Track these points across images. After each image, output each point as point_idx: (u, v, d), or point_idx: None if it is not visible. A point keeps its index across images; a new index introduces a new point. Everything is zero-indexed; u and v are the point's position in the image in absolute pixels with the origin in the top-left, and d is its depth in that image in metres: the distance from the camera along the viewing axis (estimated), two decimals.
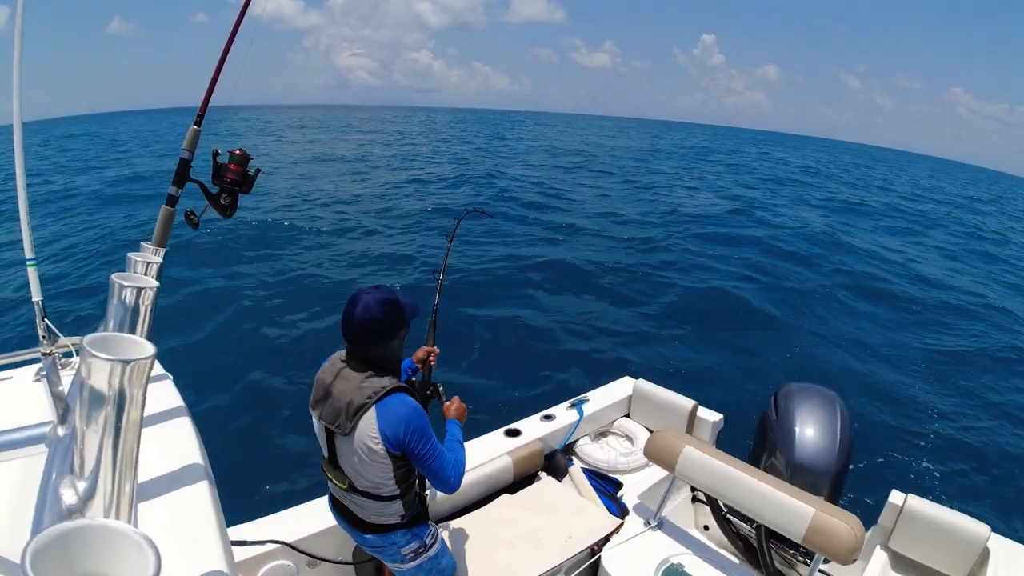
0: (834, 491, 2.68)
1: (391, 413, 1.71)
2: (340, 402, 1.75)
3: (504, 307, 9.32)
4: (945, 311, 11.09)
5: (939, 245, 18.10)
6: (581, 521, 2.76)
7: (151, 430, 1.17)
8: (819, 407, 2.85)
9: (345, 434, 1.74)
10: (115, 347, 0.65)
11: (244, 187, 1.82)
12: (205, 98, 1.67)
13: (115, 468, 0.70)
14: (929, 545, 2.59)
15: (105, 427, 0.67)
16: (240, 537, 2.27)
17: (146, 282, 1.08)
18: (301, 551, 2.34)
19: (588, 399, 3.70)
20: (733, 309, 9.82)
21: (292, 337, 7.95)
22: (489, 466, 3.00)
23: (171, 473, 1.06)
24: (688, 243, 14.37)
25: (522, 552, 2.55)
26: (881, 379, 7.53)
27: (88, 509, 0.70)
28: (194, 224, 1.79)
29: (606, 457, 3.41)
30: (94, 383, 0.64)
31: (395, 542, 1.94)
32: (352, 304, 1.78)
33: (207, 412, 5.80)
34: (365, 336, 1.77)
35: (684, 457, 2.53)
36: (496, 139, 47.76)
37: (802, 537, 2.15)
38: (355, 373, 1.78)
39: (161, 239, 1.65)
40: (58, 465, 0.78)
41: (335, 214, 15.53)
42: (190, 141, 1.67)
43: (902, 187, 38.72)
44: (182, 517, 0.96)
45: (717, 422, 3.53)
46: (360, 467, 1.77)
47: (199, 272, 10.25)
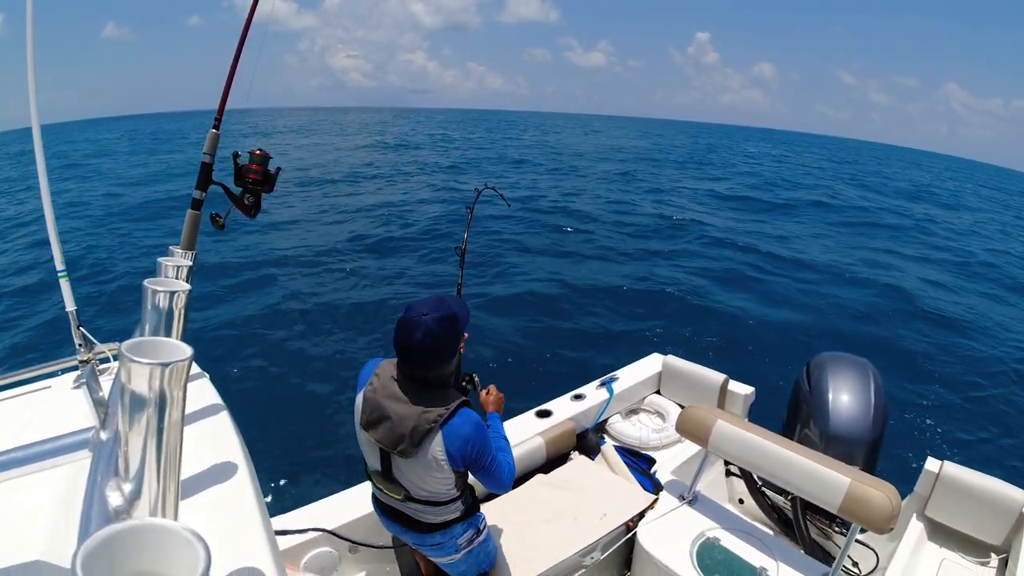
0: (869, 460, 2.64)
1: (456, 433, 1.67)
2: (402, 427, 1.67)
3: (528, 288, 9.32)
4: (981, 277, 10.80)
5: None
6: (615, 498, 2.77)
7: (191, 428, 1.20)
8: (852, 376, 2.80)
9: (407, 458, 1.70)
10: (153, 351, 0.66)
11: (266, 186, 1.84)
12: (221, 101, 1.69)
13: (159, 468, 0.72)
14: (966, 512, 2.55)
15: (148, 429, 0.69)
16: (282, 527, 2.33)
17: (178, 285, 1.10)
18: (343, 537, 2.39)
19: (618, 377, 3.69)
20: (760, 280, 9.70)
21: (326, 328, 8.06)
22: (522, 447, 3.02)
23: (213, 469, 1.09)
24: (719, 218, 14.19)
25: (558, 530, 2.57)
26: (913, 346, 7.38)
27: (134, 510, 0.72)
28: (220, 225, 1.82)
29: (638, 434, 3.41)
30: (135, 387, 0.66)
31: (454, 535, 1.93)
32: (410, 328, 1.65)
33: (244, 407, 5.93)
34: (425, 361, 1.68)
35: (716, 432, 2.52)
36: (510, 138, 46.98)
37: (838, 507, 2.12)
38: (414, 396, 1.70)
39: (189, 242, 1.69)
40: (103, 469, 0.80)
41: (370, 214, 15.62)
42: (210, 144, 1.69)
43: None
44: (226, 511, 0.99)
45: (749, 395, 3.50)
46: (420, 482, 1.75)
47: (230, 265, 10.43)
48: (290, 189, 18.60)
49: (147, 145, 42.49)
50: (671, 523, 2.57)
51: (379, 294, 9.34)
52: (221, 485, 1.05)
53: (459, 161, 27.63)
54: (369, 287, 9.73)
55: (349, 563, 2.49)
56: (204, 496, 1.02)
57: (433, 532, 1.89)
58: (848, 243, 13.39)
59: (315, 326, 8.08)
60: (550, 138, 54.15)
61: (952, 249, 13.91)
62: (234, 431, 1.24)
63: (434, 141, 41.78)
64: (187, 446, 0.80)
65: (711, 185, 23.62)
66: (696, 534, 2.48)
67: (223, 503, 1.01)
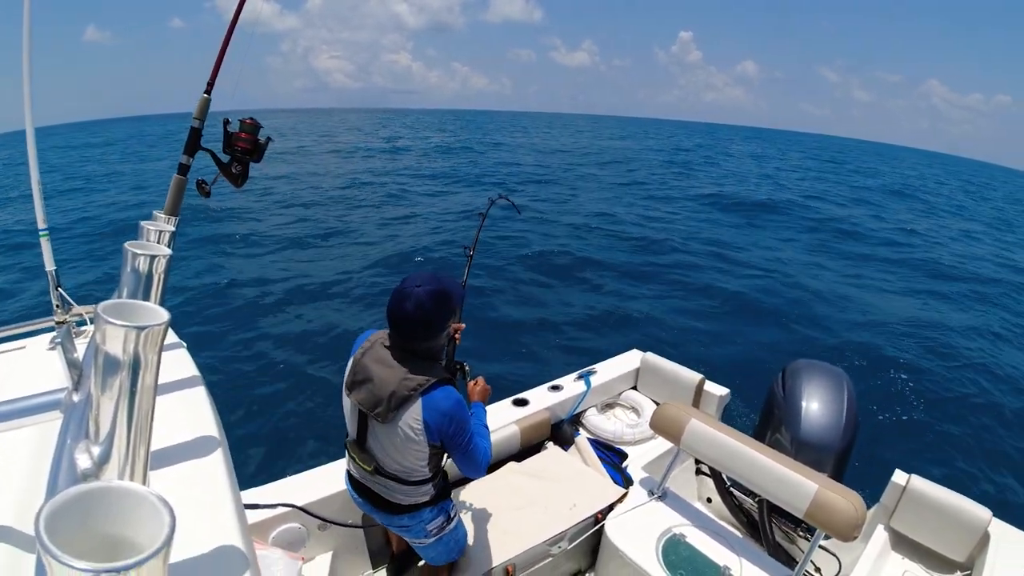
0: (838, 468, 2.68)
1: (436, 405, 1.68)
2: (382, 391, 1.69)
3: (514, 282, 9.32)
4: (959, 293, 10.98)
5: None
6: (586, 490, 2.79)
7: (165, 397, 1.19)
8: (826, 385, 2.84)
9: (383, 422, 1.71)
10: (129, 313, 0.65)
11: (255, 156, 1.81)
12: (215, 66, 1.66)
13: (130, 432, 0.71)
14: (930, 526, 2.58)
15: (120, 392, 0.67)
16: (252, 500, 2.32)
17: (159, 250, 1.08)
18: (312, 514, 2.38)
19: (596, 371, 3.71)
20: (747, 283, 9.78)
21: (306, 303, 8.02)
22: (496, 434, 3.03)
23: (185, 439, 1.08)
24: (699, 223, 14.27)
25: (528, 518, 2.60)
26: (889, 358, 7.49)
27: (103, 473, 0.71)
28: (206, 193, 1.79)
29: (612, 428, 3.44)
30: (109, 349, 0.65)
31: (423, 519, 1.93)
32: (401, 298, 1.69)
33: (221, 378, 5.89)
34: (415, 331, 1.71)
35: (689, 430, 2.54)
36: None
37: (804, 512, 2.15)
38: (399, 362, 1.73)
39: (173, 207, 1.66)
40: (73, 431, 0.79)
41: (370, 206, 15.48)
42: (200, 110, 1.66)
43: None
44: (196, 481, 0.98)
45: (724, 396, 3.53)
46: (393, 452, 1.75)
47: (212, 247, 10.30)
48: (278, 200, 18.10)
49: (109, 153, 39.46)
50: (639, 517, 2.59)
51: (367, 280, 9.30)
52: (193, 455, 1.04)
53: (460, 166, 27.20)
54: (357, 272, 9.68)
55: (318, 540, 2.49)
56: (175, 465, 1.01)
57: (401, 514, 1.89)
58: (831, 250, 13.53)
59: (298, 305, 8.03)
60: (547, 140, 53.76)
61: (946, 262, 14.10)
62: (209, 402, 1.23)
63: (431, 145, 41.28)
64: (161, 415, 0.79)
65: (697, 186, 23.70)
66: (663, 530, 2.52)
67: (194, 473, 1.00)
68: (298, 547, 2.41)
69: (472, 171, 25.02)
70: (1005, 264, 14.16)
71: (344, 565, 2.60)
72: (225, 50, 1.66)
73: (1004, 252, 15.85)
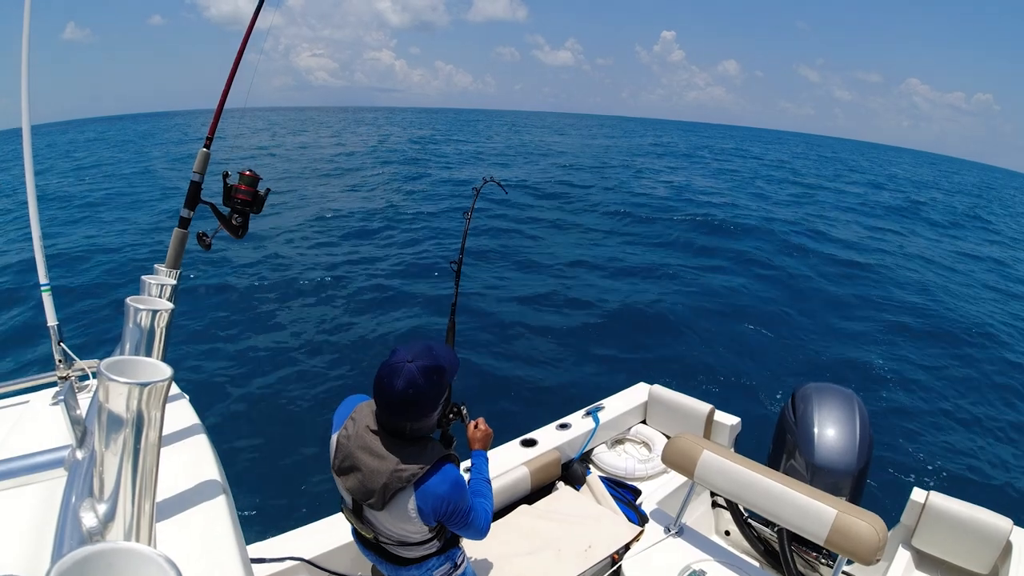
0: (855, 491, 2.64)
1: (431, 492, 1.58)
2: (373, 482, 1.58)
3: (510, 316, 9.32)
4: (961, 304, 10.98)
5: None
6: (601, 530, 2.74)
7: (169, 449, 1.18)
8: (837, 407, 2.82)
9: (378, 510, 1.62)
10: (132, 370, 0.65)
11: (255, 207, 1.83)
12: (214, 121, 1.70)
13: (135, 490, 0.70)
14: (952, 541, 2.56)
15: (124, 450, 0.67)
16: (259, 554, 2.27)
17: (161, 304, 1.08)
18: (321, 567, 2.34)
19: (603, 406, 3.68)
20: (747, 309, 9.77)
21: (306, 348, 7.99)
22: (506, 477, 2.99)
23: (189, 492, 1.07)
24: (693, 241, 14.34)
25: (542, 562, 2.54)
26: (898, 376, 7.44)
27: (108, 531, 0.70)
28: (206, 245, 1.81)
29: (624, 464, 3.38)
30: (112, 407, 0.65)
31: (430, 567, 1.86)
32: (391, 374, 1.54)
33: (224, 431, 5.84)
34: (407, 412, 1.57)
35: (703, 462, 2.51)
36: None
37: (824, 539, 2.12)
38: (388, 451, 1.59)
39: (175, 261, 1.67)
40: (78, 489, 0.79)
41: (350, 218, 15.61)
42: (200, 163, 1.69)
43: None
44: (201, 536, 0.96)
45: (735, 425, 3.49)
46: (391, 529, 1.69)
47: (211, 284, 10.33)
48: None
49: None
50: (657, 555, 2.54)
51: (366, 315, 9.29)
52: (197, 509, 1.03)
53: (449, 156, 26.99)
54: (356, 307, 9.68)
55: None
56: (180, 520, 0.99)
57: (408, 565, 1.83)
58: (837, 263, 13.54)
59: (298, 350, 8.00)
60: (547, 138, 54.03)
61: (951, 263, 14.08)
62: (212, 454, 1.22)
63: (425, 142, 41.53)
64: (164, 468, 0.79)
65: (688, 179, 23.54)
66: (682, 566, 2.46)
67: (199, 528, 0.99)
68: None
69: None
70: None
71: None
72: (224, 101, 1.70)
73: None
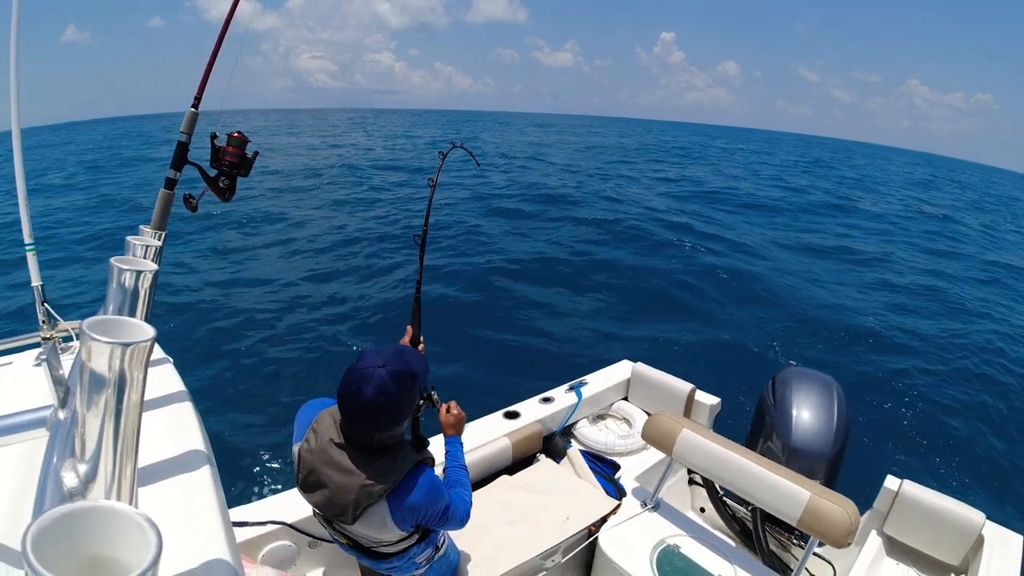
0: (830, 475, 2.70)
1: (405, 504, 1.52)
2: (341, 499, 1.49)
3: (499, 291, 9.32)
4: (945, 296, 11.12)
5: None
6: (579, 502, 2.78)
7: (152, 413, 1.18)
8: (816, 392, 2.86)
9: (348, 524, 1.55)
10: (115, 330, 0.65)
11: (242, 170, 1.80)
12: (203, 79, 1.66)
13: (116, 450, 0.70)
14: (924, 531, 2.60)
15: (106, 410, 0.67)
16: (241, 518, 2.29)
17: (145, 265, 1.07)
18: (302, 531, 2.36)
19: (587, 382, 3.71)
20: (735, 292, 9.84)
21: (290, 315, 7.97)
22: (488, 448, 3.02)
23: (172, 456, 1.07)
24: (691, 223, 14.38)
25: (520, 532, 2.58)
26: (880, 365, 7.55)
27: (89, 491, 0.70)
28: (192, 207, 1.78)
29: (604, 439, 3.43)
30: (94, 366, 0.64)
31: (411, 555, 1.80)
32: (360, 380, 1.43)
33: (208, 394, 5.84)
34: (376, 421, 1.47)
35: (681, 440, 2.55)
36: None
37: (797, 520, 2.16)
38: (355, 465, 1.49)
39: (160, 222, 1.65)
40: (59, 448, 0.79)
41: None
42: (188, 124, 1.66)
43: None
44: (184, 499, 0.97)
45: (715, 406, 3.54)
46: (365, 535, 1.62)
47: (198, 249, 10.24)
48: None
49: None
50: (633, 529, 2.59)
51: (352, 285, 9.27)
52: (180, 472, 1.03)
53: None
54: (340, 277, 9.65)
55: (308, 558, 2.45)
56: (162, 483, 1.00)
57: (390, 558, 1.76)
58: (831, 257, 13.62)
59: (283, 318, 7.98)
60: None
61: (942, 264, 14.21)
62: (196, 419, 1.22)
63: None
64: (148, 432, 0.79)
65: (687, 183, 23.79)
66: (657, 540, 2.51)
67: (181, 491, 0.99)
68: (288, 565, 2.38)
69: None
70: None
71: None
72: (212, 64, 1.66)
73: None
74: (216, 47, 1.67)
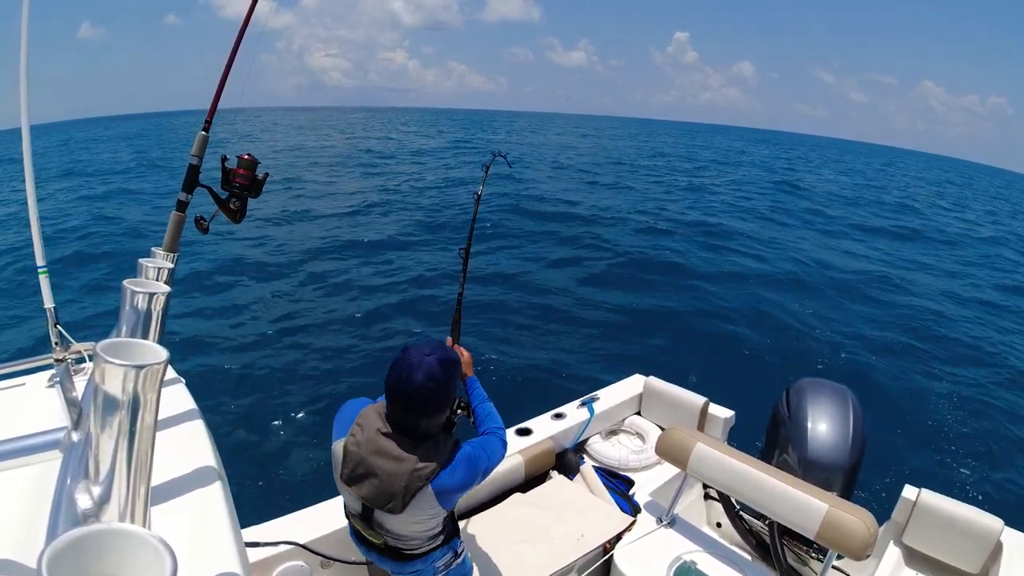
0: (847, 487, 2.66)
1: (450, 481, 1.60)
2: (392, 486, 1.56)
3: (511, 303, 9.32)
4: (958, 302, 11.01)
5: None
6: (593, 519, 2.75)
7: (164, 433, 1.18)
8: (831, 402, 2.83)
9: (397, 513, 1.60)
10: (128, 353, 0.65)
11: (253, 191, 1.82)
12: (213, 103, 1.68)
13: (130, 472, 0.70)
14: (942, 540, 2.57)
15: (119, 432, 0.67)
16: (254, 538, 2.28)
17: (158, 287, 1.08)
18: (315, 552, 2.35)
19: (598, 397, 3.69)
20: (746, 305, 9.79)
21: (303, 336, 7.99)
22: (501, 465, 3.00)
23: (185, 476, 1.07)
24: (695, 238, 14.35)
25: (534, 551, 2.55)
26: (893, 374, 7.47)
27: (103, 513, 0.70)
28: (204, 229, 1.80)
29: (617, 455, 3.40)
30: (108, 389, 0.65)
31: (433, 559, 1.85)
32: (410, 369, 1.54)
33: (219, 415, 5.85)
34: (426, 406, 1.57)
35: (696, 454, 2.52)
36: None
37: (815, 533, 2.14)
38: (405, 451, 1.57)
39: (172, 244, 1.66)
40: (73, 470, 0.79)
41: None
42: (198, 147, 1.68)
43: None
44: (196, 519, 0.97)
45: (729, 419, 3.51)
46: (407, 530, 1.69)
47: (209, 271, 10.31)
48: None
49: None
50: (648, 546, 2.55)
51: (367, 305, 9.29)
52: (193, 493, 1.03)
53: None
54: (356, 296, 9.68)
55: None
56: (175, 503, 1.00)
57: (413, 560, 1.82)
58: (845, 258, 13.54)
59: (295, 335, 8.00)
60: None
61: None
62: (208, 438, 1.22)
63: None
64: (160, 452, 0.79)
65: None
66: (673, 557, 2.48)
67: (194, 511, 0.99)
68: None
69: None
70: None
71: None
72: (223, 87, 1.68)
73: None
74: (224, 75, 1.69)
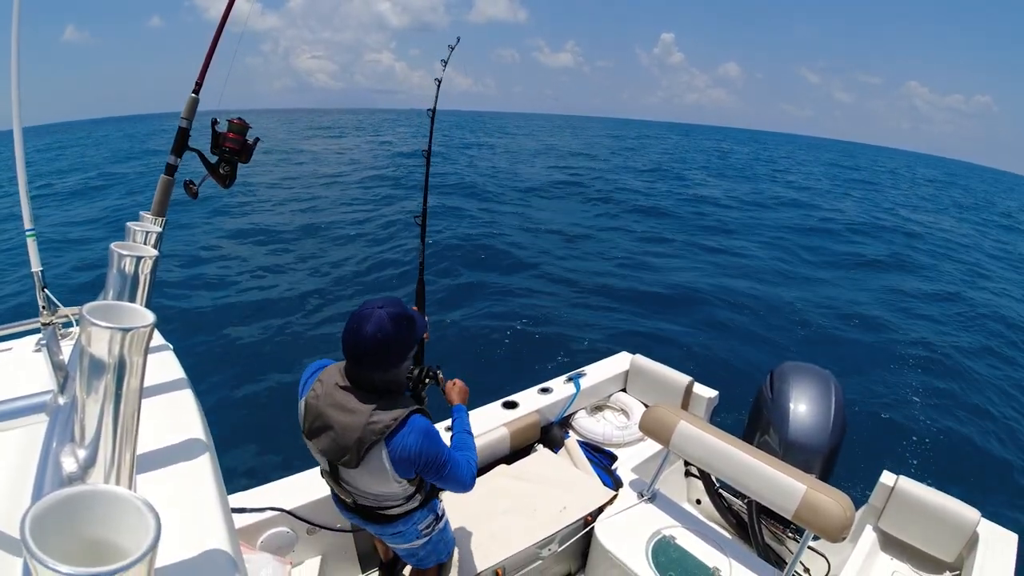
0: (826, 470, 2.71)
1: (402, 444, 1.57)
2: (346, 439, 1.57)
3: (501, 280, 9.32)
4: (945, 295, 11.12)
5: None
6: (575, 492, 2.79)
7: (151, 400, 1.18)
8: (813, 386, 2.87)
9: (352, 468, 1.61)
10: (115, 315, 0.64)
11: (243, 156, 1.80)
12: (203, 66, 1.65)
13: (115, 435, 0.70)
14: (919, 527, 2.60)
15: (105, 395, 0.67)
16: (240, 504, 2.30)
17: (145, 251, 1.07)
18: (301, 518, 2.37)
19: (585, 373, 3.72)
20: (733, 287, 9.84)
21: (287, 303, 7.98)
22: (486, 437, 3.03)
23: (172, 442, 1.07)
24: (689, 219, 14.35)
25: (517, 521, 2.59)
26: (878, 361, 7.56)
27: (88, 476, 0.70)
28: (193, 194, 1.77)
29: (602, 430, 3.44)
30: (94, 351, 0.64)
31: (415, 520, 1.87)
32: (360, 320, 1.55)
33: (206, 381, 5.84)
34: (375, 358, 1.56)
35: (678, 432, 2.55)
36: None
37: (793, 513, 2.17)
38: (360, 404, 1.58)
39: (160, 209, 1.64)
40: (58, 433, 0.79)
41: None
42: (188, 109, 1.65)
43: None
44: (183, 485, 0.97)
45: (712, 398, 3.55)
46: (370, 488, 1.68)
47: (198, 241, 10.23)
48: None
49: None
50: (629, 519, 2.60)
51: (346, 275, 9.27)
52: (179, 459, 1.03)
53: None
54: (333, 270, 9.65)
55: (306, 544, 2.47)
56: (162, 469, 1.00)
57: (394, 522, 1.83)
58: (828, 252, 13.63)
59: (281, 306, 7.98)
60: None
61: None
62: (195, 405, 1.22)
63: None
64: (147, 418, 0.78)
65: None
66: (652, 531, 2.52)
67: (180, 477, 0.99)
68: (286, 551, 2.39)
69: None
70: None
71: (333, 569, 2.58)
72: (213, 50, 1.65)
73: None
74: (212, 44, 1.66)
